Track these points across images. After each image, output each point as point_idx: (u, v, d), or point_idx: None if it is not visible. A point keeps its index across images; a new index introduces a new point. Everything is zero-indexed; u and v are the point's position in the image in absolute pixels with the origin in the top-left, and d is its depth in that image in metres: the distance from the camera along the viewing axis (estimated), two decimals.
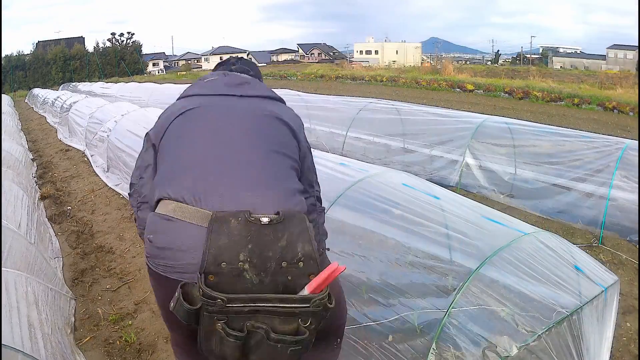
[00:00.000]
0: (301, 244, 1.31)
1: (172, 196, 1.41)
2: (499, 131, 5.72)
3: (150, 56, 50.41)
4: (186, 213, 1.37)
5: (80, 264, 3.89)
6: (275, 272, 1.28)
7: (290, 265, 1.29)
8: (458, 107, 12.28)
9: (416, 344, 2.26)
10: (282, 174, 1.49)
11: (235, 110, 1.60)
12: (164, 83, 18.99)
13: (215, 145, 1.50)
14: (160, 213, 1.42)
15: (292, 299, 1.27)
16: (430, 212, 2.61)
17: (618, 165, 4.38)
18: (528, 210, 4.90)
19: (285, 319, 1.27)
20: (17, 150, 7.27)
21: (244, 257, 1.27)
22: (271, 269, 1.28)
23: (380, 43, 59.10)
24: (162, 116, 1.68)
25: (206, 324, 1.27)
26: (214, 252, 1.27)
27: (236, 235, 1.28)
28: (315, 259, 1.32)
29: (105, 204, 5.48)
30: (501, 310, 2.09)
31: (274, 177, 1.46)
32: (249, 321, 1.26)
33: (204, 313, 1.25)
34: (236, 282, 1.27)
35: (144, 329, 2.95)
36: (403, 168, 5.75)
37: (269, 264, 1.28)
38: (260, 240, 1.29)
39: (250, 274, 1.27)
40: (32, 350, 2.01)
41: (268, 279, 1.28)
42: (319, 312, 1.29)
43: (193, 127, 1.56)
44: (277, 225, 1.31)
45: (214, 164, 1.46)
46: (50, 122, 13.63)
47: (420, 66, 36.85)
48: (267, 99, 1.68)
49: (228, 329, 1.25)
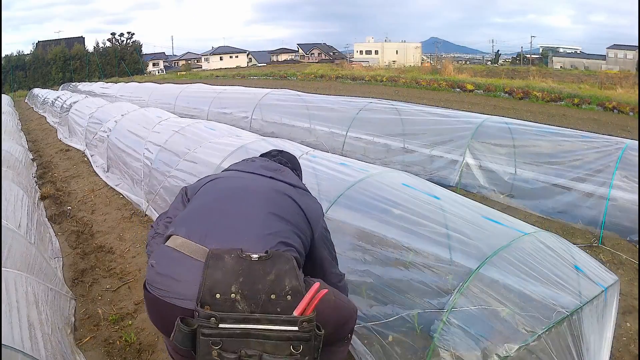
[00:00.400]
0: (288, 279, 1.45)
1: (180, 234, 1.62)
2: (499, 131, 5.72)
3: (150, 56, 50.35)
4: (189, 248, 1.56)
5: (80, 264, 3.89)
6: (265, 303, 1.41)
7: (279, 298, 1.42)
8: (458, 107, 12.28)
9: (416, 344, 2.26)
10: (278, 231, 1.64)
11: (259, 183, 1.88)
12: (164, 83, 18.95)
13: (228, 203, 1.75)
14: (168, 245, 1.62)
15: (279, 319, 1.39)
16: (430, 212, 2.61)
17: (618, 165, 4.38)
18: (528, 210, 4.90)
19: (277, 344, 1.39)
20: (17, 150, 7.27)
21: (236, 289, 1.41)
22: (261, 301, 1.41)
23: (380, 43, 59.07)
24: (202, 179, 2.01)
25: (202, 351, 1.40)
26: (209, 284, 1.43)
27: (229, 270, 1.44)
28: (302, 293, 1.44)
29: (105, 204, 5.48)
30: (501, 310, 2.09)
31: (268, 230, 1.63)
32: (242, 347, 1.38)
33: (200, 337, 1.39)
34: (229, 311, 1.41)
35: (144, 329, 2.95)
36: (403, 168, 5.75)
37: (259, 295, 1.41)
38: (250, 274, 1.44)
39: (242, 305, 1.41)
40: (32, 350, 2.01)
41: (259, 310, 1.41)
42: (308, 338, 1.40)
43: (217, 188, 1.86)
44: (267, 262, 1.47)
45: (221, 215, 1.69)
46: (50, 122, 13.63)
47: (420, 66, 36.87)
48: (293, 187, 1.93)
49: (223, 353, 1.38)
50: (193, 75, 35.82)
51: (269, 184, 1.89)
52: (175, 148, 4.88)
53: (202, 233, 1.60)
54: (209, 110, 10.47)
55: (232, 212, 1.70)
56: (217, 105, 10.50)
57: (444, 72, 24.68)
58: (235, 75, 31.99)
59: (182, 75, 36.12)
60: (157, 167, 4.90)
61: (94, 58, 40.39)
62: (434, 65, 33.46)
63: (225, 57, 55.44)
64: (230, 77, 31.02)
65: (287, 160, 2.21)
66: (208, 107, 10.63)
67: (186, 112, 10.75)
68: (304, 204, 1.85)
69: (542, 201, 4.92)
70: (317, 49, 63.54)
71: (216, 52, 57.43)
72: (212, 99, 10.89)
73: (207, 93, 11.78)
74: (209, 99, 11.00)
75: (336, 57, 57.27)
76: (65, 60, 39.46)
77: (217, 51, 57.86)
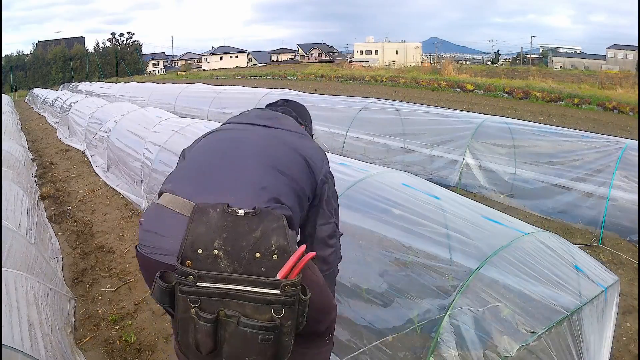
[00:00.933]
0: (276, 237, 1.36)
1: (169, 190, 1.57)
2: (499, 131, 5.72)
3: (150, 56, 50.36)
4: (177, 204, 1.50)
5: (80, 264, 3.89)
6: (249, 262, 1.34)
7: (264, 257, 1.34)
8: (458, 107, 12.28)
9: (416, 344, 2.26)
10: (269, 186, 1.56)
11: (252, 134, 1.79)
12: (164, 83, 18.95)
13: (218, 157, 1.67)
14: (157, 202, 1.57)
15: (261, 281, 1.32)
16: (430, 212, 2.61)
17: (618, 165, 4.38)
18: (528, 210, 4.90)
19: (258, 307, 1.32)
20: (17, 150, 7.27)
21: (219, 245, 1.34)
22: (245, 259, 1.33)
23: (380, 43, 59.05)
24: (200, 137, 1.92)
25: (181, 308, 1.35)
26: (192, 239, 1.36)
27: (213, 225, 1.37)
28: (290, 253, 1.35)
29: (105, 204, 5.48)
30: (501, 310, 2.09)
31: (260, 185, 1.54)
32: (221, 307, 1.33)
33: (179, 294, 1.34)
34: (211, 268, 1.34)
35: (144, 329, 2.95)
36: (403, 168, 5.75)
37: (243, 253, 1.33)
38: (235, 230, 1.36)
39: (224, 262, 1.33)
40: (32, 350, 2.01)
41: (242, 269, 1.33)
42: (291, 302, 1.33)
43: (209, 143, 1.80)
44: (253, 218, 1.38)
45: (211, 170, 1.62)
46: (50, 122, 13.64)
47: (420, 66, 36.87)
48: (290, 132, 1.83)
49: (200, 312, 1.32)
50: (193, 75, 35.82)
51: (263, 132, 1.79)
52: (175, 148, 4.88)
53: (190, 188, 1.54)
54: (209, 110, 10.47)
55: (222, 166, 1.63)
56: (217, 105, 10.51)
57: (444, 72, 24.69)
58: (235, 75, 32.00)
59: (182, 75, 36.12)
60: (157, 167, 4.90)
61: (94, 58, 40.41)
62: (434, 65, 33.47)
63: (225, 57, 55.46)
64: (230, 77, 31.03)
65: (292, 109, 2.07)
66: (208, 107, 10.64)
67: (186, 112, 10.75)
68: (302, 149, 1.74)
69: (542, 201, 4.92)
70: (317, 49, 63.53)
71: (216, 52, 57.43)
72: (212, 99, 10.90)
73: (207, 93, 11.79)
74: (209, 99, 11.01)
75: (336, 57, 57.27)
76: (65, 60, 39.47)
77: (217, 51, 57.85)
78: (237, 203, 1.43)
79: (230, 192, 1.50)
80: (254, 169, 1.60)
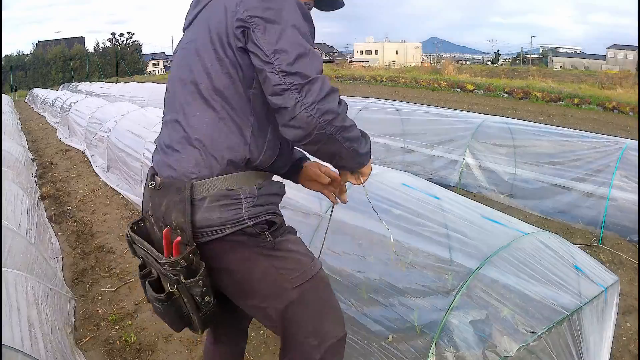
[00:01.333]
0: (175, 213, 1.32)
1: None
2: (499, 131, 5.71)
3: (150, 56, 50.44)
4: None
5: (80, 264, 3.89)
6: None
7: (174, 230, 1.35)
8: (458, 107, 12.29)
9: (416, 344, 2.25)
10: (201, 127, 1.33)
11: (192, 30, 1.49)
12: (164, 83, 18.91)
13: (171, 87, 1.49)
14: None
15: (152, 254, 1.39)
16: (430, 212, 2.61)
17: (618, 165, 4.38)
18: (528, 210, 4.90)
19: (164, 277, 1.40)
20: (17, 150, 7.27)
21: (147, 214, 1.45)
22: (161, 230, 1.38)
23: (380, 43, 59.09)
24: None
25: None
26: (144, 203, 1.48)
27: (146, 194, 1.46)
28: (185, 231, 1.29)
29: (105, 204, 5.48)
30: (501, 310, 2.09)
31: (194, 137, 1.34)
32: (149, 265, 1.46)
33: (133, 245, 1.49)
34: (151, 232, 1.45)
35: (144, 329, 2.95)
36: (403, 168, 5.75)
37: (160, 224, 1.38)
38: (153, 201, 1.41)
39: (155, 228, 1.42)
40: (32, 350, 2.01)
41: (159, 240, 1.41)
42: (177, 281, 1.34)
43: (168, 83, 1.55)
44: (159, 192, 1.38)
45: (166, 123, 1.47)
46: (50, 122, 13.64)
47: (420, 66, 36.91)
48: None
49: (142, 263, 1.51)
50: None
51: (204, 15, 1.42)
52: None
53: (157, 156, 1.50)
54: None
55: (171, 105, 1.46)
56: None
57: (444, 72, 24.71)
58: None
59: None
60: None
61: (94, 58, 40.45)
62: (434, 65, 33.51)
63: None
64: None
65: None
66: None
67: None
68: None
69: (542, 201, 4.92)
70: (317, 49, 63.28)
71: None
72: None
73: None
74: None
75: (336, 57, 57.31)
76: (65, 61, 39.49)
77: None
78: (161, 166, 1.41)
79: (163, 150, 1.44)
80: (180, 107, 1.39)
